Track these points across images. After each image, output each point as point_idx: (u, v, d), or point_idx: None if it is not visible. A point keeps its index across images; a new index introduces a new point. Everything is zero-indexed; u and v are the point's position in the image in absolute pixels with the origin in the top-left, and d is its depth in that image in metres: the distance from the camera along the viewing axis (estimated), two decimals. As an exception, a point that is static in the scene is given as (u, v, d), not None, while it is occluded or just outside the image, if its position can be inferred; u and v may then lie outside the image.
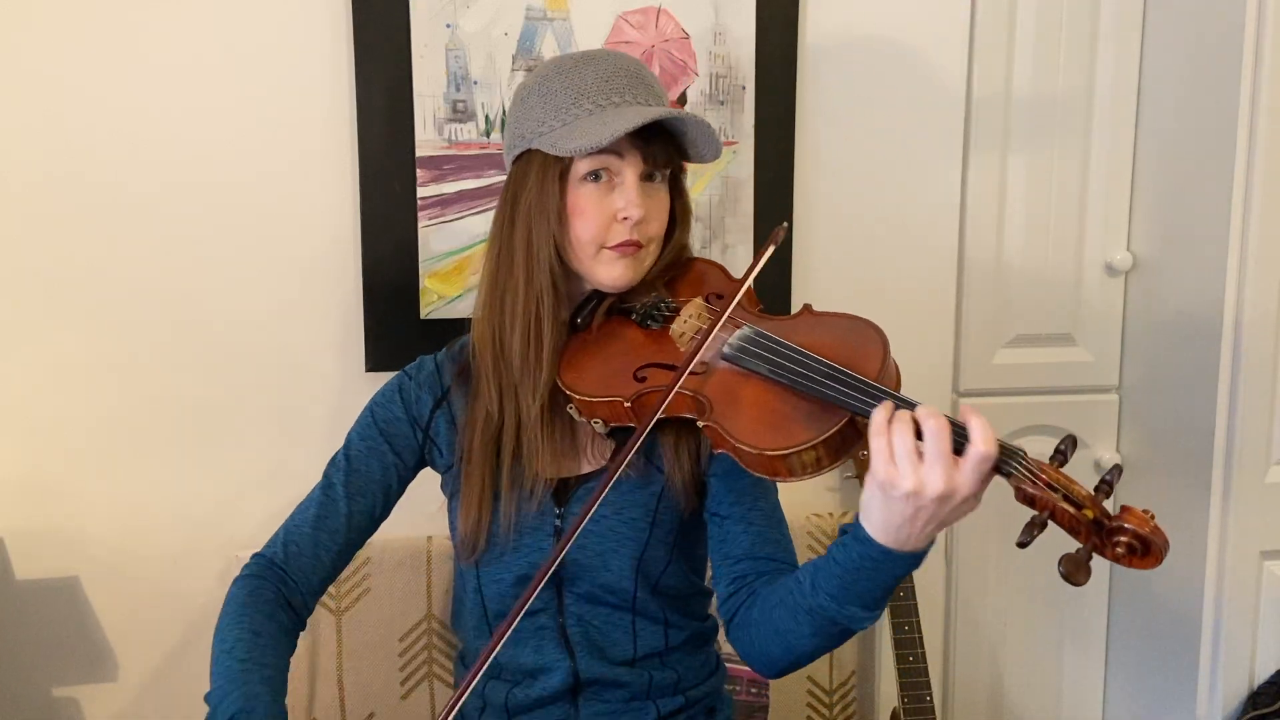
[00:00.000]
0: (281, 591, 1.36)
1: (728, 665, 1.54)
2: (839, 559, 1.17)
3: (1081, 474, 2.19)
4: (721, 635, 1.52)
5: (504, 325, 1.35)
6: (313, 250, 1.89)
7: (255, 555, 1.40)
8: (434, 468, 1.46)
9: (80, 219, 1.83)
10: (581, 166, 1.31)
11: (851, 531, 1.16)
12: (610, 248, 1.33)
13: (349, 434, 1.45)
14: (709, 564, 1.47)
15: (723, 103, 1.95)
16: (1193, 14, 1.98)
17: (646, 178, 1.33)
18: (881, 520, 1.12)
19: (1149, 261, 2.11)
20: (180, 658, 1.95)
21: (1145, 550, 1.06)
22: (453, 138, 1.88)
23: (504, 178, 1.86)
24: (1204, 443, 1.94)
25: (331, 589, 1.83)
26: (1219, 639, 1.96)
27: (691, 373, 1.27)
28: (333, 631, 1.83)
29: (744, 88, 1.96)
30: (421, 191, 1.88)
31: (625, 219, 1.31)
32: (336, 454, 1.44)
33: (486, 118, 1.89)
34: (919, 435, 1.09)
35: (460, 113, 1.88)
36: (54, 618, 1.90)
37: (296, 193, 1.87)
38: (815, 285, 2.03)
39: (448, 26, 1.86)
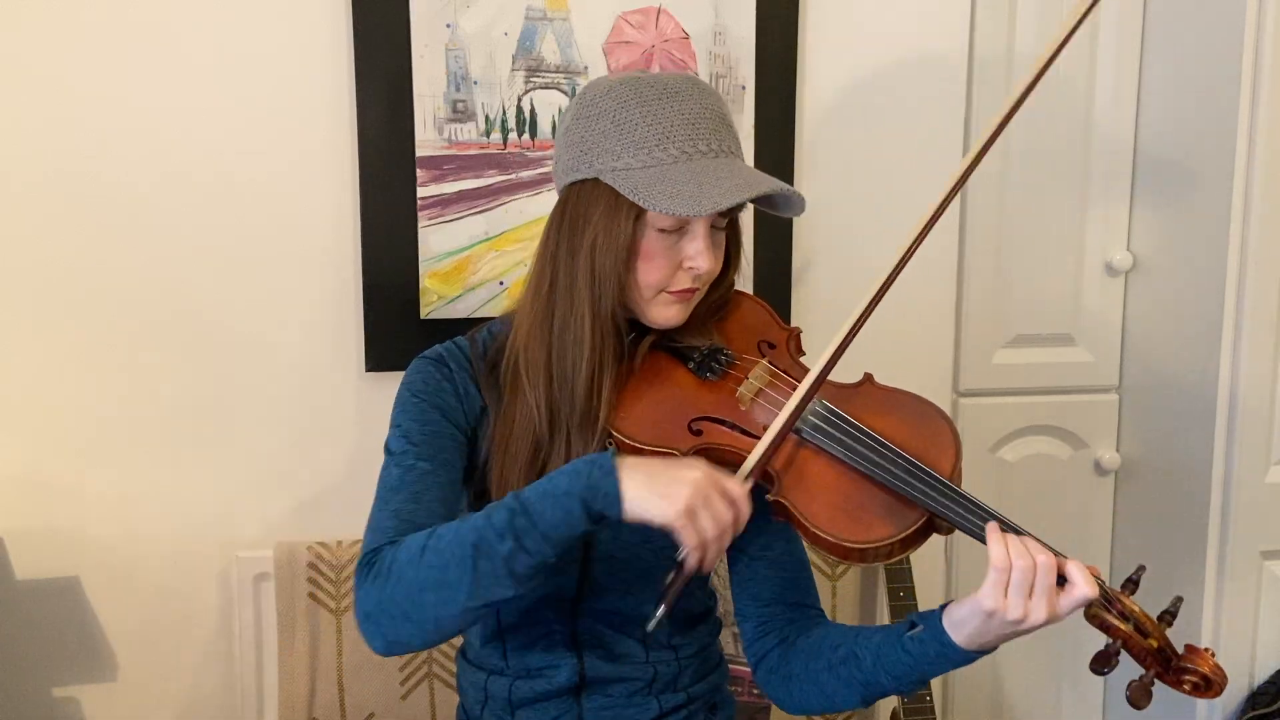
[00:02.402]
0: None
1: (730, 665, 1.54)
2: (912, 651, 1.22)
3: (1084, 472, 2.20)
4: (724, 635, 1.53)
5: (565, 360, 1.29)
6: (312, 250, 1.89)
7: (367, 553, 1.22)
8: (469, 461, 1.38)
9: (80, 218, 1.82)
10: (661, 218, 1.25)
11: (929, 631, 1.21)
12: (670, 292, 1.30)
13: (399, 428, 1.31)
14: (716, 581, 1.48)
15: (723, 103, 1.95)
16: (1193, 13, 1.98)
17: (713, 225, 1.30)
18: (972, 635, 1.18)
19: (1149, 261, 2.11)
20: (180, 658, 1.95)
21: (1208, 687, 1.16)
22: (453, 138, 1.88)
23: (504, 178, 1.90)
24: (1204, 443, 1.94)
25: (330, 589, 1.83)
26: (1219, 639, 1.96)
27: (750, 435, 1.24)
28: (333, 631, 1.83)
29: (744, 88, 1.95)
30: (421, 191, 1.88)
31: (691, 269, 1.28)
32: (391, 448, 1.31)
33: (486, 118, 1.89)
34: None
35: (460, 113, 1.88)
36: (54, 618, 1.90)
37: (296, 193, 1.87)
38: (815, 285, 2.03)
39: (448, 26, 1.86)
